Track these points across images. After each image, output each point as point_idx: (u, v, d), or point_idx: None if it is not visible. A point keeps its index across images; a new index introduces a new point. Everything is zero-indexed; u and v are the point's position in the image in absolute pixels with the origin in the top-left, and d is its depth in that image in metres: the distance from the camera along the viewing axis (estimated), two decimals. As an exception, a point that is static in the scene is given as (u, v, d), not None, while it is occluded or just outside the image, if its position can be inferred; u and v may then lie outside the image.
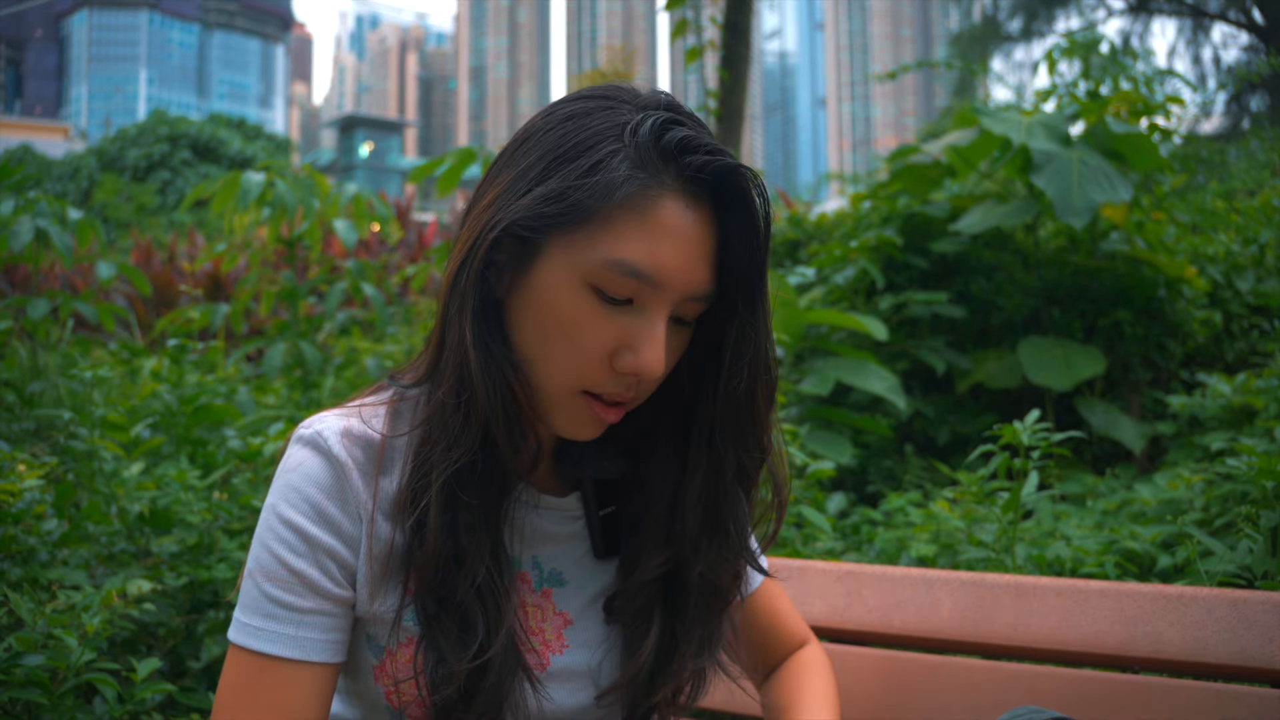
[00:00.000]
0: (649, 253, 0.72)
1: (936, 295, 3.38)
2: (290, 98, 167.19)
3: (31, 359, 2.92)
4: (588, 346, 0.74)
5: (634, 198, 0.72)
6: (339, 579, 0.78)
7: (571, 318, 0.74)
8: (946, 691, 1.10)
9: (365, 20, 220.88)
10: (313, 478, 0.77)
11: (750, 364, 0.78)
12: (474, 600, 0.76)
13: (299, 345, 3.59)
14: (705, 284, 0.76)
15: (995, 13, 15.57)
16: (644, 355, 0.74)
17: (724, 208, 0.75)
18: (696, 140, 0.74)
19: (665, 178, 0.73)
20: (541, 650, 0.84)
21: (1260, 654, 0.98)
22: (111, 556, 1.82)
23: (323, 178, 4.28)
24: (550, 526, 0.86)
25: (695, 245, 0.74)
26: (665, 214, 0.73)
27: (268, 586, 0.76)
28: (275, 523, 0.77)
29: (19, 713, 1.24)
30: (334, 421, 0.80)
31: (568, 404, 0.77)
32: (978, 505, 1.89)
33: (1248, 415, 2.56)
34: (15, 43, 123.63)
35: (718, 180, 0.74)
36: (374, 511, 0.77)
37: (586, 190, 0.72)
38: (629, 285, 0.73)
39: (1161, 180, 3.77)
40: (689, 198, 0.74)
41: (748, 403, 0.80)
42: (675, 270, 0.73)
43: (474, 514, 0.77)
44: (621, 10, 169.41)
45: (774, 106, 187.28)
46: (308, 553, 0.76)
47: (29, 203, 3.09)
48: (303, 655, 0.76)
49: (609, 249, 0.72)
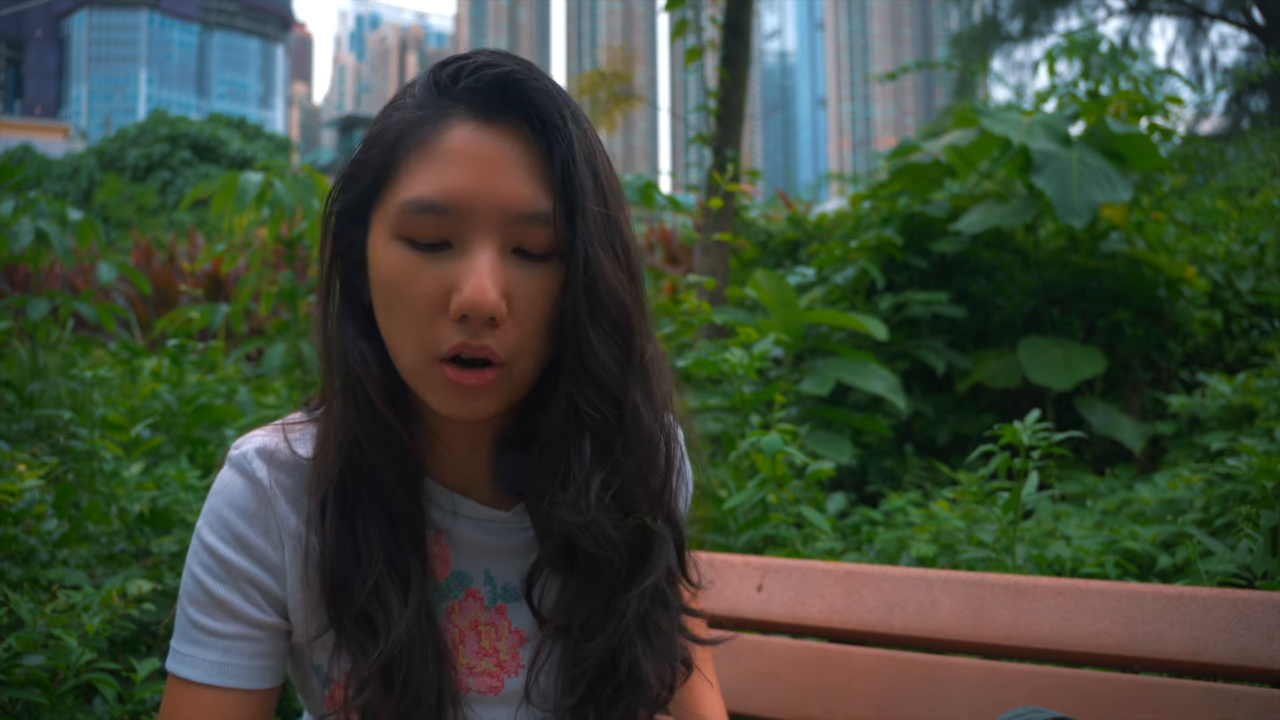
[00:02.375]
0: (437, 182, 0.69)
1: (936, 295, 3.38)
2: (290, 98, 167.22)
3: (31, 359, 2.92)
4: (418, 302, 0.70)
5: (420, 137, 0.71)
6: (261, 605, 0.77)
7: (396, 278, 0.70)
8: (946, 691, 1.10)
9: (365, 20, 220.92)
10: (234, 502, 0.76)
11: (573, 286, 0.71)
12: (373, 604, 0.74)
13: (299, 345, 3.59)
14: (525, 201, 0.69)
15: (995, 13, 15.55)
16: (466, 289, 0.68)
17: (524, 118, 0.71)
18: (472, 64, 0.71)
19: (450, 110, 0.71)
20: (496, 671, 0.81)
21: (1260, 654, 0.98)
22: (111, 556, 1.82)
23: (323, 178, 4.28)
24: (497, 540, 0.82)
25: (495, 163, 0.69)
26: (451, 140, 0.70)
27: (191, 611, 0.76)
28: (198, 547, 0.77)
29: (19, 713, 1.24)
30: (262, 442, 0.78)
31: (430, 378, 0.71)
32: (978, 505, 1.89)
33: (1248, 415, 2.56)
34: (15, 43, 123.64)
35: (500, 90, 0.70)
36: (307, 536, 0.76)
37: (375, 149, 0.73)
38: (431, 223, 0.69)
39: (1161, 180, 3.77)
40: (478, 119, 0.70)
41: (574, 332, 0.71)
42: (470, 192, 0.69)
43: (367, 521, 0.75)
44: (621, 10, 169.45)
45: (774, 106, 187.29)
46: (226, 578, 0.76)
47: (29, 203, 3.09)
48: (220, 681, 0.75)
49: (403, 193, 0.70)
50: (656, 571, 0.79)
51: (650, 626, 0.79)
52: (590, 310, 0.71)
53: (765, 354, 2.12)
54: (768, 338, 2.18)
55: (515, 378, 0.72)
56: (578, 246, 0.70)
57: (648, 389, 0.76)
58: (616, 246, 0.73)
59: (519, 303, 0.70)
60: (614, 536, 0.75)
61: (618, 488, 0.75)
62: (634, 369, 0.74)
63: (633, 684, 0.78)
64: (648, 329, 0.76)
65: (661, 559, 0.79)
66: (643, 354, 0.75)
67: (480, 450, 0.80)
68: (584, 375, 0.72)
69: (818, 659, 1.19)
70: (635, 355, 0.74)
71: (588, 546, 0.74)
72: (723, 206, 3.43)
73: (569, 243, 0.70)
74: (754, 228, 4.59)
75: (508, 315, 0.70)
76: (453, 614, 0.81)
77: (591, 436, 0.74)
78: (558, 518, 0.74)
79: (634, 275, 0.75)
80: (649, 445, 0.76)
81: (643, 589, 0.77)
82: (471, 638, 0.81)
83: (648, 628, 0.79)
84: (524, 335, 0.71)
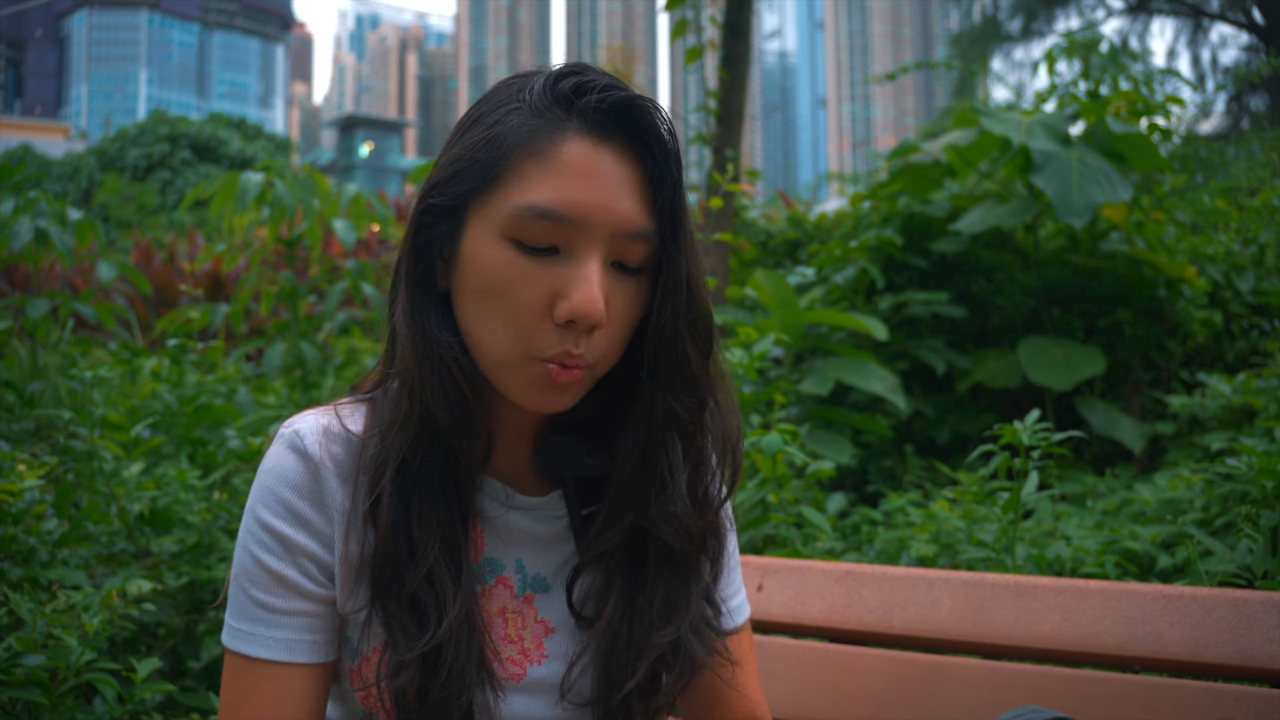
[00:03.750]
0: (557, 192, 0.72)
1: (936, 295, 3.38)
2: (290, 98, 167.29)
3: (31, 359, 2.92)
4: (522, 303, 0.73)
5: (536, 145, 0.73)
6: (319, 579, 0.78)
7: (500, 277, 0.73)
8: (946, 691, 1.10)
9: (365, 20, 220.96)
10: (287, 478, 0.77)
11: (673, 298, 0.76)
12: (425, 589, 0.75)
13: (299, 345, 3.60)
14: (634, 220, 0.74)
15: (995, 13, 15.56)
16: (576, 297, 0.71)
17: (635, 141, 0.75)
18: (591, 82, 0.74)
19: (565, 122, 0.73)
20: (519, 659, 0.82)
21: (1260, 654, 0.98)
22: (111, 556, 1.82)
23: (323, 178, 4.28)
24: (532, 526, 0.84)
25: (610, 181, 0.73)
26: (569, 154, 0.73)
27: (250, 589, 0.77)
28: (254, 525, 0.78)
29: (19, 713, 1.24)
30: (313, 420, 0.80)
31: (522, 373, 0.75)
32: (978, 505, 1.89)
33: (1248, 415, 2.56)
34: (15, 43, 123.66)
35: (620, 114, 0.74)
36: (352, 510, 0.77)
37: (486, 149, 0.74)
38: (545, 230, 0.72)
39: (1161, 180, 3.77)
40: (594, 136, 0.73)
41: (672, 340, 0.77)
42: (588, 206, 0.72)
43: (426, 507, 0.77)
44: (621, 10, 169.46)
45: (774, 106, 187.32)
46: (285, 555, 0.77)
47: (29, 203, 3.09)
48: (289, 657, 0.77)
49: (518, 198, 0.72)
50: (714, 565, 0.86)
51: (698, 620, 0.84)
52: (689, 321, 0.77)
53: (765, 354, 2.12)
54: (768, 338, 2.18)
55: (596, 377, 0.77)
56: (680, 265, 0.76)
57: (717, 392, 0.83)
58: (699, 261, 0.80)
59: (612, 313, 0.75)
60: (696, 532, 0.82)
61: (703, 485, 0.83)
62: (713, 374, 0.81)
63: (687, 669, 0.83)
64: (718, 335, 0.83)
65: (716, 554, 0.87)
66: (717, 355, 0.82)
67: (525, 439, 0.84)
68: (680, 380, 0.78)
69: (818, 659, 1.19)
70: (714, 361, 0.81)
71: (675, 542, 0.81)
72: (723, 206, 3.43)
73: (669, 260, 0.76)
74: (754, 228, 4.59)
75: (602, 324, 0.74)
76: (482, 599, 0.82)
77: (681, 439, 0.81)
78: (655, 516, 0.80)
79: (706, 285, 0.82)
80: (722, 447, 0.84)
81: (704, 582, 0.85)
82: (498, 624, 0.82)
83: (696, 621, 0.84)
84: (612, 342, 0.76)
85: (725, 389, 0.84)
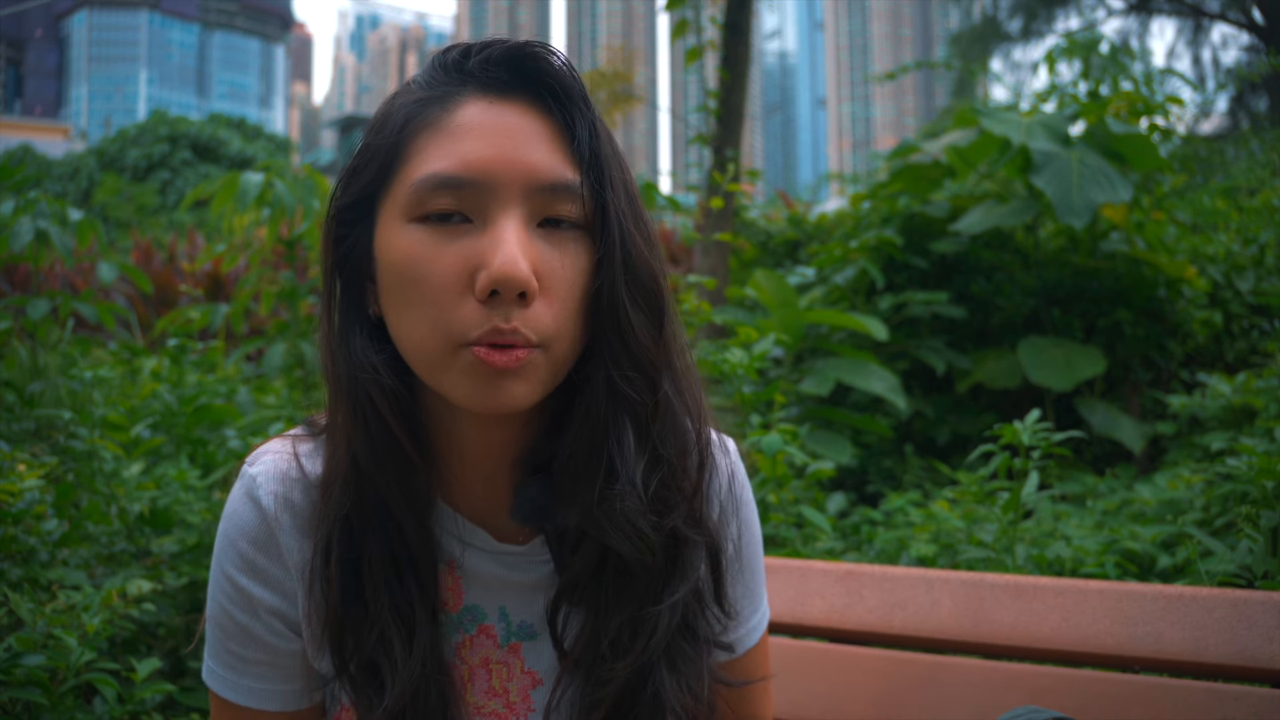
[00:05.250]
0: (453, 155, 0.66)
1: (936, 295, 3.38)
2: (290, 98, 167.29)
3: (31, 359, 2.92)
4: (438, 284, 0.65)
5: (429, 117, 0.68)
6: (283, 632, 0.75)
7: (412, 263, 0.66)
8: (946, 691, 1.10)
9: (365, 20, 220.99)
10: (244, 530, 0.74)
11: (609, 257, 0.68)
12: (378, 653, 0.71)
13: (299, 345, 3.59)
14: (549, 170, 0.66)
15: (995, 13, 15.56)
16: (494, 262, 0.63)
17: (537, 90, 0.68)
18: (479, 45, 0.70)
19: (461, 88, 0.69)
20: (504, 713, 0.77)
21: (1260, 654, 0.98)
22: (111, 556, 1.82)
23: (323, 178, 4.28)
24: (513, 574, 0.77)
25: (513, 133, 0.67)
26: (463, 116, 0.67)
27: (220, 636, 0.75)
28: (219, 574, 0.75)
29: (19, 713, 1.24)
30: (271, 464, 0.75)
31: (454, 365, 0.66)
32: (978, 505, 1.89)
33: (1248, 415, 2.56)
34: (15, 43, 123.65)
35: (512, 64, 0.68)
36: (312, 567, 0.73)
37: (379, 135, 0.70)
38: (448, 198, 0.66)
39: (1161, 180, 3.77)
40: (490, 94, 0.68)
41: (611, 306, 0.68)
42: (489, 162, 0.66)
43: (375, 567, 0.71)
44: (621, 10, 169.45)
45: (774, 106, 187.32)
46: (248, 608, 0.74)
47: (29, 203, 3.09)
48: (261, 705, 0.75)
49: (414, 174, 0.67)
50: (687, 582, 0.74)
51: (677, 653, 0.74)
52: (628, 285, 0.68)
53: (765, 354, 2.12)
54: (768, 338, 2.18)
55: (553, 361, 0.68)
56: (610, 218, 0.68)
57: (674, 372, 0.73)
58: (642, 220, 0.71)
59: (549, 280, 0.66)
60: (652, 538, 0.71)
61: (656, 484, 0.71)
62: (664, 346, 0.72)
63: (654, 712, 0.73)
64: (672, 306, 0.74)
65: (692, 569, 0.75)
66: (671, 330, 0.72)
67: (500, 477, 0.75)
68: (624, 354, 0.69)
69: (818, 659, 1.19)
70: (666, 331, 0.72)
71: (624, 549, 0.70)
72: (723, 206, 3.44)
73: (600, 216, 0.68)
74: (754, 228, 4.59)
75: (539, 294, 0.66)
76: (463, 649, 0.77)
77: (632, 423, 0.70)
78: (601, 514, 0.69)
79: (655, 249, 0.72)
80: (682, 438, 0.74)
81: (673, 601, 0.73)
82: (481, 675, 0.77)
83: (674, 654, 0.74)
84: (557, 315, 0.67)
85: (685, 365, 0.75)
